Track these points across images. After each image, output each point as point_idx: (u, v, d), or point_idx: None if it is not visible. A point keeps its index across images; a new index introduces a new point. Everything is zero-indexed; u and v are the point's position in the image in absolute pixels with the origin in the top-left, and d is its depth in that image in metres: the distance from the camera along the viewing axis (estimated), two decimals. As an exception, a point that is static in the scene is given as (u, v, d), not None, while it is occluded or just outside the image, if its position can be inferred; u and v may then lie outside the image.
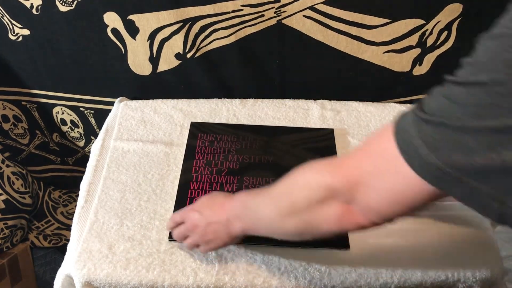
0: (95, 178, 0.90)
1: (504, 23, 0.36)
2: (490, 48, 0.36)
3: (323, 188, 0.50)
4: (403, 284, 0.73)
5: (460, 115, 0.37)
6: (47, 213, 1.34)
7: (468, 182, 0.37)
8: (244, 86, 1.10)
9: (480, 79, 0.36)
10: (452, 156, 0.37)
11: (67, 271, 0.76)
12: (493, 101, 0.35)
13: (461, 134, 0.36)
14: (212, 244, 0.69)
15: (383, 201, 0.46)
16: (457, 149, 0.37)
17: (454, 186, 0.38)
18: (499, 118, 0.34)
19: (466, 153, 0.36)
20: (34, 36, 1.04)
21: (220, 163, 0.92)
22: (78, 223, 0.83)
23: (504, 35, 0.36)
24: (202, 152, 0.94)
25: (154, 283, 0.73)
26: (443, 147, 0.38)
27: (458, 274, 0.74)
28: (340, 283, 0.73)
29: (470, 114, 0.36)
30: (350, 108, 1.06)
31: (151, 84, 1.10)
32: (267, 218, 0.59)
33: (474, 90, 0.36)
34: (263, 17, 0.97)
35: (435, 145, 0.38)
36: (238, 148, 0.95)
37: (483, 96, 0.35)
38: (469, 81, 0.37)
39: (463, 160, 0.37)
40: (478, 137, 0.36)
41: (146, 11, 0.97)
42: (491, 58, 0.36)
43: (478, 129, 0.35)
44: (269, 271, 0.74)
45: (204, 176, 0.90)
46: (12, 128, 1.26)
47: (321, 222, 0.53)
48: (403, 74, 1.06)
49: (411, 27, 0.97)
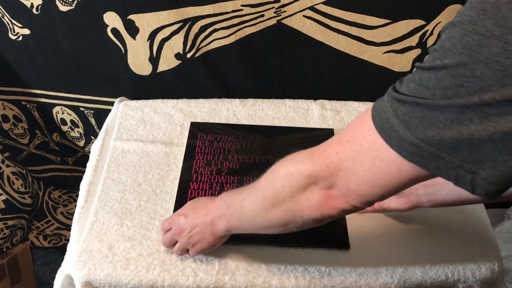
0: (95, 178, 0.90)
1: (463, 12, 0.39)
2: (452, 35, 0.39)
3: (303, 175, 0.52)
4: (403, 284, 0.73)
5: (430, 95, 0.40)
6: (47, 213, 1.34)
7: (441, 155, 0.40)
8: (244, 86, 1.10)
9: (445, 63, 0.39)
10: (426, 132, 0.40)
11: (67, 271, 0.76)
12: (458, 82, 0.38)
13: (432, 112, 0.40)
14: (199, 246, 0.70)
15: (364, 184, 0.48)
16: (430, 126, 0.40)
17: (430, 160, 0.41)
18: (465, 97, 0.38)
19: (438, 128, 0.40)
20: (34, 36, 1.04)
21: (220, 163, 0.92)
22: (78, 223, 0.83)
23: (463, 22, 0.39)
24: (202, 152, 0.94)
25: (154, 283, 0.73)
26: (417, 125, 0.41)
27: (458, 274, 0.74)
28: (340, 283, 0.73)
29: (439, 95, 0.39)
30: (350, 108, 1.06)
31: (151, 84, 1.10)
32: (252, 212, 0.61)
33: (440, 73, 0.39)
34: (263, 17, 0.97)
35: (410, 123, 0.41)
36: (238, 148, 0.95)
37: (449, 78, 0.39)
38: (436, 66, 0.40)
39: (436, 136, 0.40)
40: (448, 114, 0.39)
41: (146, 11, 0.97)
42: (453, 43, 0.39)
43: (447, 106, 0.39)
44: (269, 271, 0.74)
45: (204, 176, 0.90)
46: (12, 128, 1.26)
47: (303, 209, 0.54)
48: (403, 74, 1.06)
49: (412, 28, 0.97)
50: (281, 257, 0.76)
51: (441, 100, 0.39)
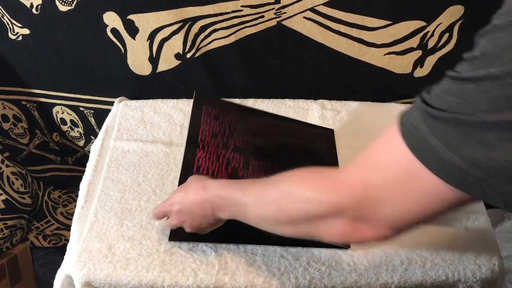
0: (95, 178, 0.90)
1: (506, 13, 0.35)
2: (497, 40, 0.35)
3: (325, 205, 0.46)
4: (403, 284, 0.73)
5: (474, 110, 0.35)
6: (46, 213, 1.34)
7: (489, 180, 0.35)
8: (244, 86, 1.10)
9: (492, 72, 0.34)
10: (472, 153, 0.35)
11: (67, 271, 0.76)
12: (509, 93, 0.33)
13: (478, 129, 0.34)
14: (196, 224, 0.66)
15: (398, 213, 0.42)
16: (476, 146, 0.35)
17: (476, 184, 0.36)
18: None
19: (486, 149, 0.34)
20: (34, 36, 1.04)
21: (226, 138, 0.89)
22: (78, 223, 0.83)
23: (510, 24, 0.34)
24: (208, 124, 0.91)
25: (154, 283, 0.73)
26: (460, 145, 0.35)
27: (458, 274, 0.74)
28: (340, 283, 0.73)
29: (485, 110, 0.34)
30: (350, 108, 1.06)
31: (151, 84, 1.10)
32: (258, 221, 0.56)
33: (486, 84, 0.34)
34: (263, 18, 0.97)
35: (451, 143, 0.36)
36: (243, 128, 0.92)
37: (497, 89, 0.33)
38: (479, 76, 0.35)
39: (483, 157, 0.34)
40: (497, 131, 0.34)
41: (146, 11, 0.97)
42: (501, 49, 0.34)
43: (496, 123, 0.34)
44: (269, 271, 0.74)
45: (211, 147, 0.87)
46: (12, 128, 1.26)
47: (323, 234, 0.49)
48: (404, 76, 1.06)
49: (412, 29, 0.97)
50: (281, 257, 0.76)
51: (488, 115, 0.34)
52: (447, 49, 1.01)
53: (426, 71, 1.05)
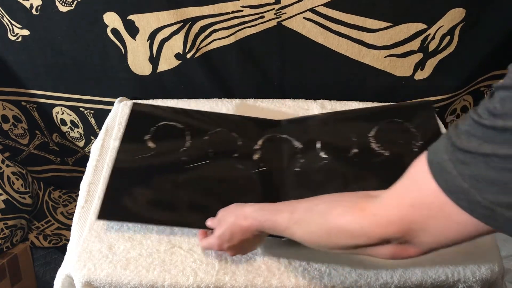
0: (95, 178, 0.90)
1: None
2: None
3: (373, 239, 0.51)
4: (403, 284, 0.73)
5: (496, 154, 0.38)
6: (47, 213, 1.34)
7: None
8: (244, 86, 1.10)
9: (508, 125, 0.37)
10: (500, 197, 0.38)
11: (67, 271, 0.76)
12: None
13: (505, 173, 0.38)
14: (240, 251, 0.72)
15: (437, 240, 0.47)
16: (503, 189, 0.38)
17: (505, 223, 0.40)
18: None
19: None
20: (33, 36, 1.04)
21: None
22: (78, 223, 0.83)
23: None
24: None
25: (154, 283, 0.73)
26: (488, 189, 0.39)
27: (458, 274, 0.74)
28: (340, 283, 0.73)
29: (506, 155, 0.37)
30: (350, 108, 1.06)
31: (151, 84, 1.10)
32: (305, 241, 0.61)
33: (505, 134, 0.37)
34: (263, 18, 0.97)
35: (481, 187, 0.39)
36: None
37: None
38: (499, 126, 0.38)
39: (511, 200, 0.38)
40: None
41: (146, 11, 0.97)
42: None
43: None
44: (269, 271, 0.74)
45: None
46: (12, 128, 1.26)
47: (371, 254, 0.54)
48: (405, 78, 1.06)
49: (413, 32, 0.97)
50: (281, 257, 0.76)
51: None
52: (448, 52, 1.00)
53: (427, 74, 1.05)
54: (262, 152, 0.90)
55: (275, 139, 0.93)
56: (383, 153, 0.86)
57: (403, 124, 0.90)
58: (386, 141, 0.87)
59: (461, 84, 1.09)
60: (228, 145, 0.90)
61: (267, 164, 0.88)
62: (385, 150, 0.86)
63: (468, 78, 1.08)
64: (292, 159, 0.88)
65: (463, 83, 1.09)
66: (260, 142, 0.92)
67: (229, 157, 0.88)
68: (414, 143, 0.87)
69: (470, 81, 1.10)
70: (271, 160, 0.89)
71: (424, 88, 1.08)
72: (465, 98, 1.17)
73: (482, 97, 1.17)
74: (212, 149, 0.89)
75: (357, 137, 0.89)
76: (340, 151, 0.87)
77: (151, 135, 0.90)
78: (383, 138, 0.88)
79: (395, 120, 0.91)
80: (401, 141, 0.87)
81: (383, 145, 0.87)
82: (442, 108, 1.14)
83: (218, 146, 0.90)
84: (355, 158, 0.86)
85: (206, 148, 0.89)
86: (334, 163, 0.86)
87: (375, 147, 0.87)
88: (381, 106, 0.97)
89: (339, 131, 0.91)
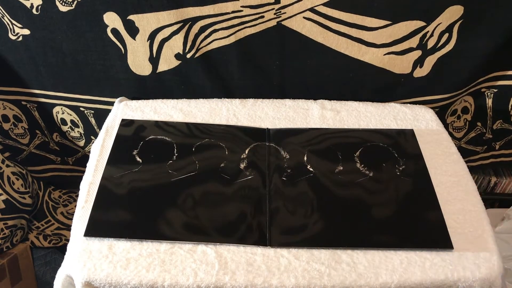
0: (95, 178, 0.90)
1: None
2: None
3: None
4: (403, 284, 0.73)
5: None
6: (47, 213, 1.34)
7: None
8: (244, 86, 1.10)
9: None
10: None
11: (67, 271, 0.76)
12: None
13: None
14: None
15: None
16: None
17: None
18: None
19: None
20: (34, 36, 1.04)
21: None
22: (78, 223, 0.83)
23: None
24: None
25: (154, 283, 0.73)
26: None
27: (458, 274, 0.74)
28: (340, 283, 0.73)
29: None
30: (350, 108, 1.07)
31: (151, 84, 1.10)
32: None
33: None
34: (263, 18, 0.97)
35: None
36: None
37: None
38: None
39: None
40: None
41: (146, 11, 0.97)
42: None
43: None
44: (269, 271, 0.75)
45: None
46: (12, 128, 1.27)
47: None
48: (404, 76, 1.06)
49: (412, 29, 0.97)
50: (281, 257, 0.76)
51: None
52: (447, 49, 1.01)
53: (426, 71, 1.05)
54: (249, 161, 0.91)
55: (263, 147, 0.95)
56: (367, 173, 0.89)
57: (387, 149, 0.94)
58: (370, 162, 0.91)
59: (461, 83, 1.09)
60: (215, 155, 0.92)
61: (253, 173, 0.89)
62: (369, 171, 0.89)
63: (468, 77, 1.08)
64: (279, 169, 0.90)
65: (463, 82, 1.09)
66: (247, 151, 0.93)
67: (216, 168, 0.90)
68: (397, 167, 0.90)
69: (470, 80, 1.10)
70: (258, 169, 0.90)
71: (423, 86, 1.08)
72: (466, 99, 1.17)
73: (482, 98, 1.17)
74: (199, 160, 0.91)
75: (343, 155, 0.93)
76: (326, 166, 0.91)
77: (138, 150, 0.92)
78: (368, 159, 0.92)
79: (379, 144, 0.95)
80: (384, 164, 0.91)
81: (366, 165, 0.91)
82: (442, 108, 1.14)
83: (205, 157, 0.92)
84: (340, 175, 0.89)
85: (193, 160, 0.91)
86: (320, 177, 0.89)
87: (359, 167, 0.90)
88: (368, 129, 1.00)
89: (327, 147, 0.95)
